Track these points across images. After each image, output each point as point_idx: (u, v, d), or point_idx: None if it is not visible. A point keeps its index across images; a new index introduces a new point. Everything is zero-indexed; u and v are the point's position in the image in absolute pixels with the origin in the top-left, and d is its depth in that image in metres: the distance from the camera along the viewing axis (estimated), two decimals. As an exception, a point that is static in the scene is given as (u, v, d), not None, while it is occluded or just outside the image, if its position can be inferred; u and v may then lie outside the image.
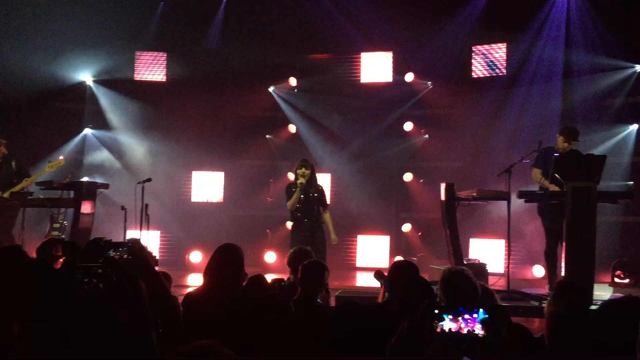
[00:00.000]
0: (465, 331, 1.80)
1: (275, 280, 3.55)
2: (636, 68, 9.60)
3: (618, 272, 8.51)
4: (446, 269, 3.56)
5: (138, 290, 2.53)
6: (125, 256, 2.95)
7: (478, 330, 1.77)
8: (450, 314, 1.79)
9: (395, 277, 3.87)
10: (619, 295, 7.33)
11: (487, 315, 1.81)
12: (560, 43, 9.88)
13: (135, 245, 3.07)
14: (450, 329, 1.80)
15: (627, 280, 8.42)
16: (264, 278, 3.51)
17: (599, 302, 6.23)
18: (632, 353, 1.84)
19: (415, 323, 1.89)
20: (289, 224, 7.41)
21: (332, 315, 3.51)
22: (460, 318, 1.79)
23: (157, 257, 7.96)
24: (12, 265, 3.12)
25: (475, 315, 1.82)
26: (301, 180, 6.87)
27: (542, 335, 3.05)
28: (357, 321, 2.98)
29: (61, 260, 4.19)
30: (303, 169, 6.93)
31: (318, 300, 3.99)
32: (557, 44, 9.89)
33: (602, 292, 7.14)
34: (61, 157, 8.72)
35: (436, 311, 1.82)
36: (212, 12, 11.17)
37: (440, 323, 1.81)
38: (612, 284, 8.41)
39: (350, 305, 3.44)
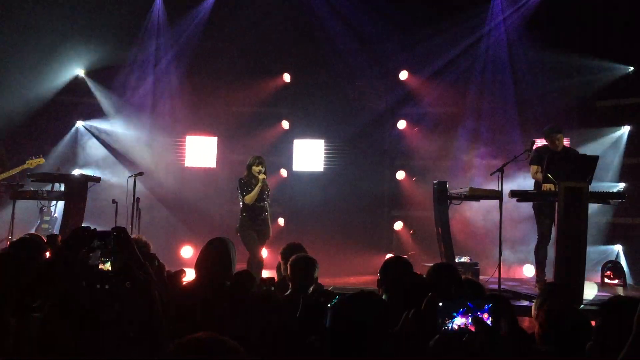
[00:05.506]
0: (473, 327, 1.78)
1: (264, 280, 3.54)
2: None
3: (608, 273, 8.55)
4: (434, 264, 3.65)
5: (152, 300, 2.40)
6: (111, 246, 2.77)
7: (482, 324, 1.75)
8: (459, 311, 1.77)
9: (388, 274, 3.85)
10: (608, 295, 7.39)
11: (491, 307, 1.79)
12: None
13: (122, 235, 2.85)
14: (459, 326, 1.78)
15: (616, 281, 8.46)
16: (250, 274, 3.49)
17: (589, 302, 6.30)
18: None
19: (420, 314, 1.86)
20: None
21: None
22: (469, 314, 1.76)
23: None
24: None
25: (485, 313, 1.80)
26: (263, 176, 7.34)
27: (533, 334, 3.07)
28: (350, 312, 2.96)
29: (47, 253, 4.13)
30: (260, 167, 7.38)
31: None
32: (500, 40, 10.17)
33: (592, 292, 7.17)
34: (41, 156, 8.50)
35: (440, 304, 1.79)
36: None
37: (449, 320, 1.78)
38: (602, 284, 8.45)
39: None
